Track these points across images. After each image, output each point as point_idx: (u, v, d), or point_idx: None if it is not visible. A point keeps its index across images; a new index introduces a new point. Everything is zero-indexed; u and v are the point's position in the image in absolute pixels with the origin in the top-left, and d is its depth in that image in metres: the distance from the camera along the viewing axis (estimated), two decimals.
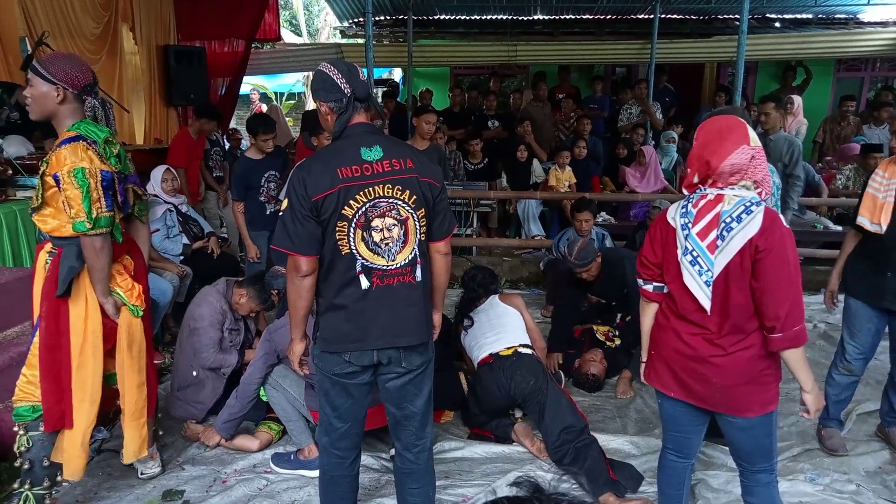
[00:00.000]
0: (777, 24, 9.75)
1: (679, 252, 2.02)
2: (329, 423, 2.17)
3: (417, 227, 2.05)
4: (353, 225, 1.97)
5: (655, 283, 2.14)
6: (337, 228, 1.97)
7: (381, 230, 2.00)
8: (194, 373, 3.27)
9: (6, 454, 2.70)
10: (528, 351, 3.21)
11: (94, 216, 2.22)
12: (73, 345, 2.36)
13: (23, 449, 2.38)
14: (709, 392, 2.03)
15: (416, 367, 2.13)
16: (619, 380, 3.81)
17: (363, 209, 1.97)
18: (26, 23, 5.11)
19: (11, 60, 4.94)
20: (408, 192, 2.02)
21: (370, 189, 1.98)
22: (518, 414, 3.26)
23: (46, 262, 2.37)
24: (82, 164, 2.19)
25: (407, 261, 2.05)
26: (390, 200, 2.00)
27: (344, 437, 2.18)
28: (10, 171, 3.89)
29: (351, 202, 1.96)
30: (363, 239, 1.99)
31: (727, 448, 3.02)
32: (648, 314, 2.22)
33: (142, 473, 2.86)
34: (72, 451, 2.41)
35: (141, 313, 2.50)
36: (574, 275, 4.07)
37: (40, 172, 2.29)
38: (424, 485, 2.29)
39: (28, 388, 2.39)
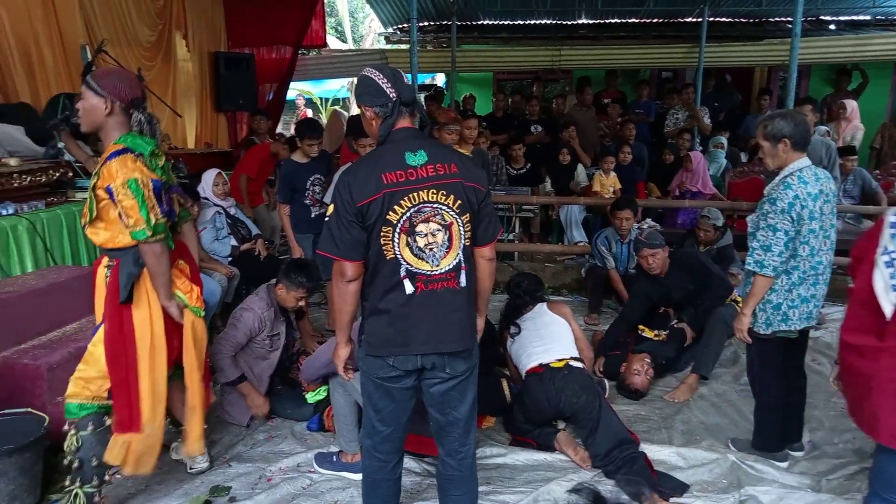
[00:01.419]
0: (832, 27, 9.46)
1: (878, 250, 1.87)
2: (372, 426, 2.18)
3: (462, 232, 2.04)
4: (398, 230, 1.97)
5: None
6: (381, 234, 1.97)
7: (426, 235, 1.99)
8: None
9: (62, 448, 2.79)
10: (580, 365, 3.18)
11: (153, 223, 2.29)
12: (142, 349, 2.42)
13: (73, 448, 2.44)
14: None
15: (461, 373, 2.12)
16: (682, 385, 3.71)
17: (407, 214, 1.97)
18: (87, 31, 5.32)
19: (73, 68, 5.15)
20: (452, 196, 2.00)
21: (415, 194, 1.97)
22: (561, 425, 3.22)
23: (106, 276, 2.44)
24: (134, 174, 2.25)
25: (451, 266, 2.04)
26: (434, 205, 1.99)
27: (386, 440, 2.19)
28: (70, 174, 4.04)
29: (395, 207, 1.96)
30: (408, 244, 1.99)
31: (780, 464, 2.95)
32: None
33: (190, 468, 2.93)
34: (145, 449, 2.48)
35: (203, 314, 2.59)
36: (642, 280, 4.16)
37: (91, 185, 2.36)
38: (467, 492, 2.28)
39: (79, 384, 2.45)
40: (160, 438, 2.54)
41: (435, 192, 1.98)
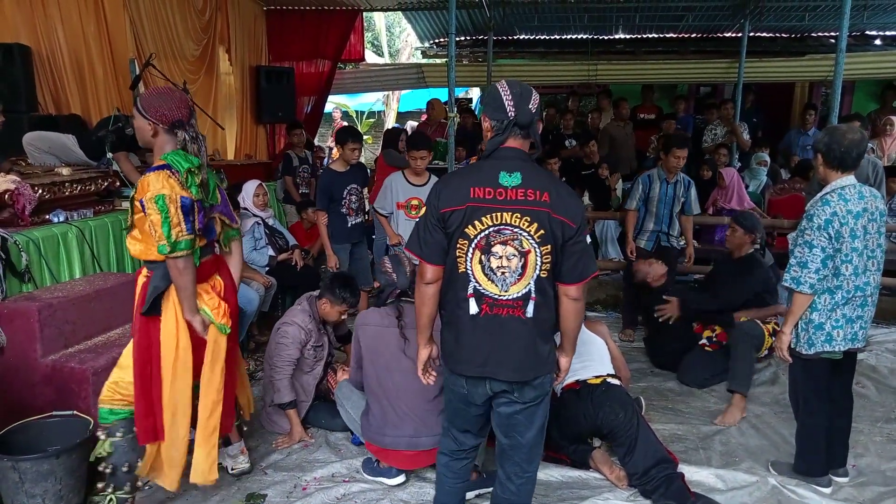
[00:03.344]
0: (878, 42, 9.25)
1: None
2: (450, 418, 2.32)
3: (539, 263, 1.99)
4: (473, 245, 1.99)
5: None
6: (458, 245, 2.00)
7: (501, 257, 1.98)
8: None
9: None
10: (617, 382, 3.15)
11: (173, 239, 2.33)
12: (165, 361, 2.46)
13: (104, 454, 2.48)
14: None
15: (530, 399, 2.10)
16: (730, 407, 3.62)
17: (486, 232, 1.98)
18: (136, 46, 5.50)
19: (122, 81, 5.32)
20: (535, 224, 1.96)
21: (498, 214, 1.97)
22: (597, 443, 3.18)
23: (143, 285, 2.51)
24: (163, 190, 2.31)
25: (520, 294, 2.01)
26: (515, 230, 1.97)
27: (462, 433, 2.31)
28: (118, 183, 4.17)
29: (476, 222, 1.97)
30: (480, 262, 1.99)
31: (824, 490, 2.87)
32: None
33: (232, 469, 2.98)
34: (167, 462, 2.52)
35: (228, 331, 2.58)
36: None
37: (130, 196, 2.45)
38: None
39: (112, 389, 2.51)
40: (184, 453, 2.55)
41: (519, 216, 1.96)
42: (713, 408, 3.78)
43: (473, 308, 2.02)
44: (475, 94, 13.42)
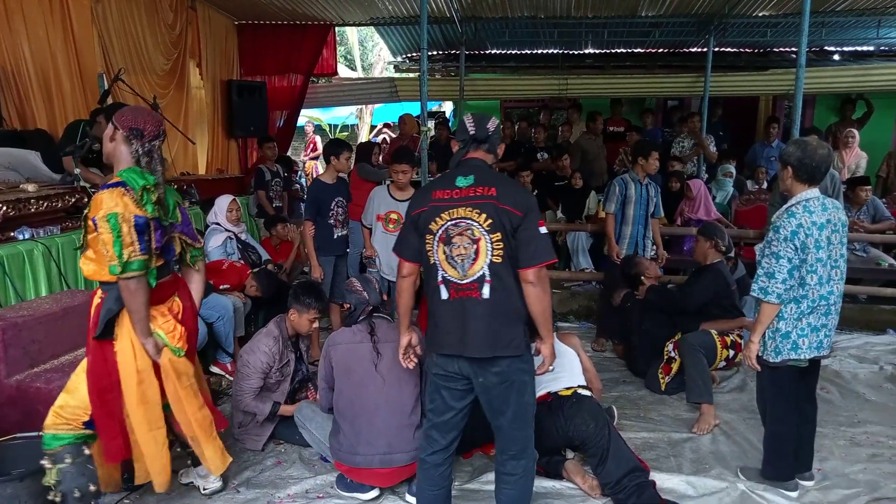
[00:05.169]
0: (836, 56, 9.56)
1: None
2: (428, 409, 2.51)
3: (489, 249, 2.25)
4: (437, 239, 2.31)
5: None
6: (427, 241, 2.33)
7: (459, 246, 2.27)
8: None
9: None
10: (588, 393, 3.19)
11: (124, 260, 2.26)
12: (128, 385, 2.40)
13: (53, 482, 2.41)
14: None
15: (493, 384, 2.31)
16: (701, 416, 3.67)
17: (446, 226, 2.29)
18: (104, 60, 5.44)
19: (90, 96, 5.25)
20: (484, 215, 2.25)
21: (454, 210, 2.29)
22: (570, 454, 3.21)
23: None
24: (116, 209, 2.25)
25: (475, 277, 2.27)
26: (468, 221, 2.27)
27: (434, 427, 2.48)
28: (86, 199, 4.11)
29: (437, 219, 2.30)
30: (444, 252, 2.29)
31: (790, 494, 2.93)
32: None
33: (204, 489, 2.93)
34: (155, 469, 2.53)
35: (182, 354, 2.51)
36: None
37: (83, 214, 2.39)
38: (516, 497, 2.46)
39: (55, 413, 2.43)
40: (167, 459, 2.55)
41: (470, 209, 2.27)
42: (684, 416, 3.84)
43: (444, 293, 2.32)
44: (448, 107, 13.51)
